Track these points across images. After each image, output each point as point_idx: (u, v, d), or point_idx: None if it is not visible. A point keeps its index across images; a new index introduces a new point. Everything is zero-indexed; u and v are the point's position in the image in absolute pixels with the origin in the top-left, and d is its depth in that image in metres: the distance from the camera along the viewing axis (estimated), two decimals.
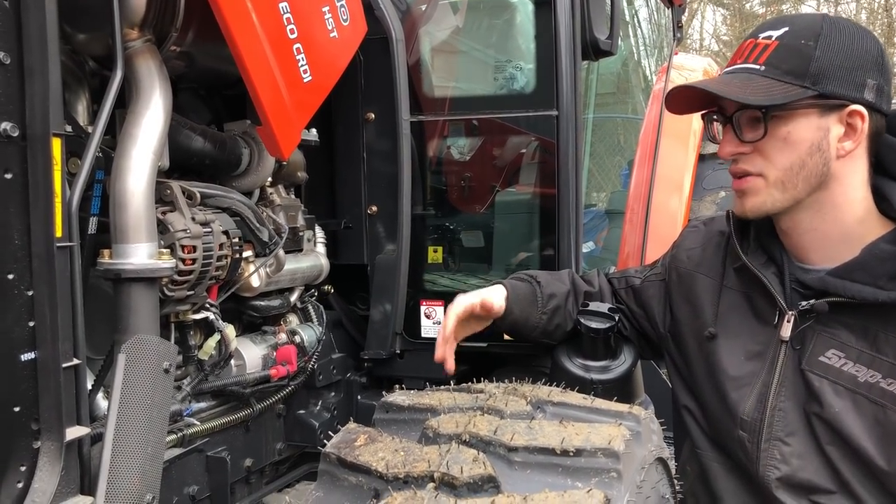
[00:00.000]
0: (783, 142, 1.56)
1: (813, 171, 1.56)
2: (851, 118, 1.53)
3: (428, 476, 1.31)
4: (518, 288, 1.93)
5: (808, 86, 1.52)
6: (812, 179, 1.56)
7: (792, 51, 1.54)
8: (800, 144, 1.55)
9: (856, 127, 1.53)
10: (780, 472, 1.60)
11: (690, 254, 1.88)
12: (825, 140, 1.54)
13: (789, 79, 1.53)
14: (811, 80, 1.51)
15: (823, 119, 1.54)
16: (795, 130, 1.55)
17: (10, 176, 1.21)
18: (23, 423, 1.25)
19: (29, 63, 1.22)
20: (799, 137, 1.55)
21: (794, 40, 1.54)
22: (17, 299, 1.23)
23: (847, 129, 1.54)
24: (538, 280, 1.96)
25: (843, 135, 1.54)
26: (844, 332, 1.57)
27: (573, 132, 2.23)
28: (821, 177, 1.56)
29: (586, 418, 1.49)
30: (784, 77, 1.53)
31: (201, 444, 1.83)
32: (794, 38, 1.55)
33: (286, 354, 2.05)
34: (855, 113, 1.52)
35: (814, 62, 1.51)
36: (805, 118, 1.54)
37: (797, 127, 1.55)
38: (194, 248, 1.63)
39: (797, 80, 1.52)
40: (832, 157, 1.55)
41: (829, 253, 1.60)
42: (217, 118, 2.07)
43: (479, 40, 2.55)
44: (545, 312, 1.91)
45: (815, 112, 1.54)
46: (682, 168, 3.75)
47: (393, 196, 2.32)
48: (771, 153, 1.58)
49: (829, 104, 1.53)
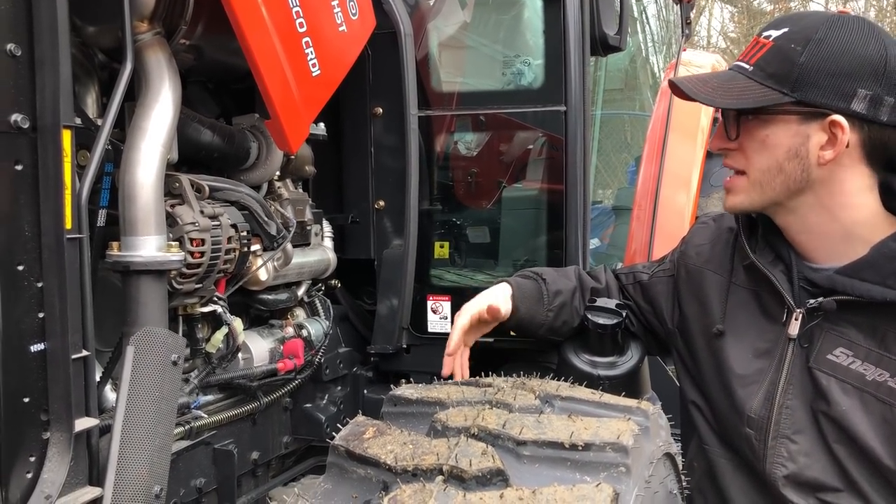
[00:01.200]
0: (761, 144, 1.57)
1: (791, 176, 1.56)
2: (833, 128, 1.50)
3: (437, 469, 1.31)
4: (523, 286, 1.93)
5: (786, 91, 1.51)
6: (790, 184, 1.57)
7: (780, 54, 1.53)
8: (777, 148, 1.56)
9: (836, 137, 1.50)
10: (786, 469, 1.60)
11: (700, 250, 1.88)
12: (804, 147, 1.53)
13: (770, 82, 1.53)
14: (791, 87, 1.50)
15: (803, 126, 1.52)
16: (773, 134, 1.55)
17: (20, 167, 1.21)
18: (32, 414, 1.26)
19: (39, 55, 1.22)
20: (776, 142, 1.55)
21: (786, 43, 1.53)
22: (26, 291, 1.23)
23: (830, 137, 1.51)
24: (544, 277, 1.95)
25: (826, 143, 1.52)
26: (852, 331, 1.56)
27: (581, 128, 2.23)
28: (800, 182, 1.56)
29: (595, 413, 1.49)
30: (766, 80, 1.53)
31: (208, 436, 1.84)
32: (787, 40, 1.53)
33: (293, 348, 2.06)
34: (836, 123, 1.49)
35: (797, 68, 1.50)
36: (784, 123, 1.54)
37: (775, 131, 1.55)
38: (203, 242, 1.64)
39: (777, 85, 1.52)
40: (812, 163, 1.54)
41: (834, 252, 1.59)
42: (226, 112, 2.07)
43: (488, 35, 2.54)
44: (551, 310, 1.91)
45: (795, 119, 1.53)
46: (689, 164, 3.74)
47: (400, 191, 2.32)
48: (751, 153, 1.60)
49: (810, 112, 1.51)
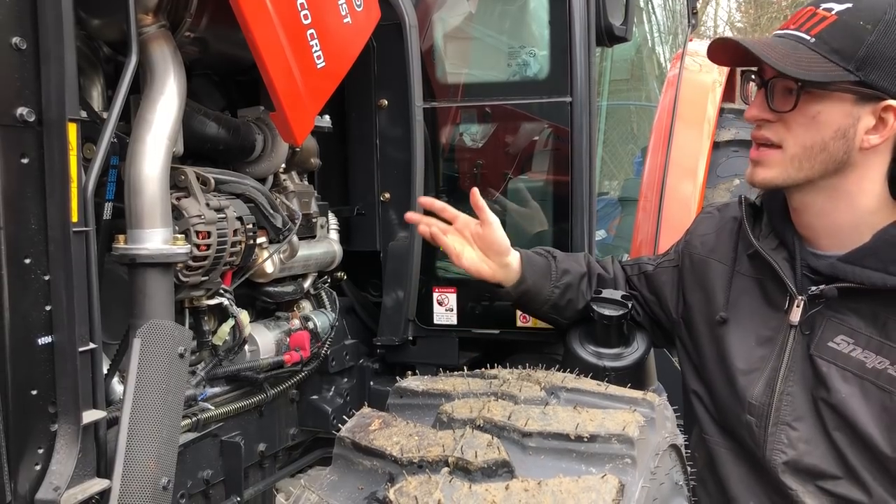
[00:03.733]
0: (811, 119, 1.53)
1: (832, 156, 1.53)
2: (885, 113, 1.49)
3: (442, 460, 1.31)
4: (533, 258, 1.95)
5: (851, 69, 1.47)
6: (829, 164, 1.54)
7: (847, 29, 1.48)
8: (826, 126, 1.52)
9: (887, 123, 1.50)
10: (786, 456, 1.61)
11: (704, 240, 1.88)
12: (853, 128, 1.51)
13: (835, 58, 1.48)
14: (856, 65, 1.47)
15: (857, 107, 1.50)
16: (826, 111, 1.52)
17: (26, 161, 1.21)
18: (40, 407, 1.26)
19: (45, 48, 1.22)
20: (828, 119, 1.52)
21: (853, 19, 1.48)
22: (33, 283, 1.24)
23: (878, 122, 1.50)
24: (554, 255, 1.98)
25: (873, 127, 1.51)
26: (854, 318, 1.56)
27: (587, 118, 2.22)
28: (839, 163, 1.54)
29: (600, 404, 1.49)
30: (831, 55, 1.49)
31: (215, 428, 1.84)
32: (854, 16, 1.49)
33: (299, 340, 2.06)
34: (890, 108, 1.49)
35: (864, 47, 1.46)
36: (839, 101, 1.51)
37: (829, 108, 1.52)
38: (209, 234, 1.64)
39: (842, 62, 1.48)
40: (855, 146, 1.52)
41: (840, 239, 1.59)
42: (230, 104, 2.06)
43: (493, 26, 2.53)
44: (558, 287, 1.92)
45: (851, 98, 1.50)
46: (696, 155, 3.72)
47: (406, 183, 2.32)
48: (795, 128, 1.55)
49: (868, 93, 1.49)
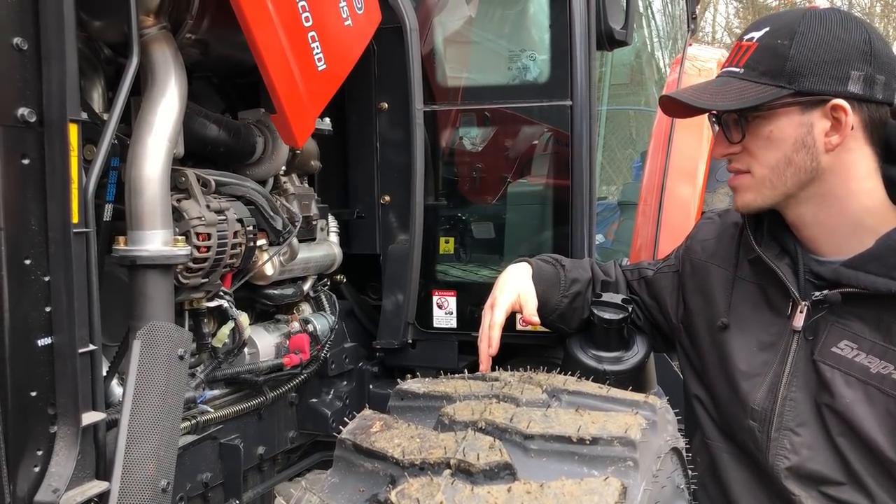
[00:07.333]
0: (766, 140, 1.59)
1: (801, 167, 1.57)
2: (835, 112, 1.53)
3: (444, 463, 1.31)
4: (543, 268, 1.95)
5: (783, 85, 1.53)
6: (802, 175, 1.58)
7: (768, 51, 1.55)
8: (783, 142, 1.57)
9: (841, 120, 1.53)
10: (789, 461, 1.60)
11: (705, 245, 1.88)
12: (810, 136, 1.55)
13: (766, 79, 1.55)
14: (787, 79, 1.53)
15: (806, 115, 1.55)
16: (777, 129, 1.57)
17: (27, 161, 1.21)
18: (39, 408, 1.26)
19: (46, 49, 1.22)
20: (782, 135, 1.57)
21: (772, 40, 1.56)
22: (34, 285, 1.23)
23: (833, 122, 1.54)
24: (563, 264, 1.98)
25: (830, 129, 1.54)
26: (857, 324, 1.56)
27: (587, 122, 2.22)
28: (811, 172, 1.57)
29: (602, 407, 1.49)
30: (761, 78, 1.55)
31: (215, 431, 1.84)
32: (773, 37, 1.56)
33: (299, 343, 2.06)
34: (837, 107, 1.52)
35: (788, 61, 1.52)
36: (786, 116, 1.56)
37: (779, 125, 1.57)
38: (209, 236, 1.63)
39: (773, 81, 1.54)
40: (820, 151, 1.55)
41: (841, 244, 1.59)
42: (231, 106, 2.07)
43: (493, 30, 2.54)
44: (566, 296, 1.92)
45: (797, 109, 1.55)
46: (695, 160, 3.73)
47: (406, 186, 2.32)
48: (757, 152, 1.61)
49: (810, 100, 1.53)
